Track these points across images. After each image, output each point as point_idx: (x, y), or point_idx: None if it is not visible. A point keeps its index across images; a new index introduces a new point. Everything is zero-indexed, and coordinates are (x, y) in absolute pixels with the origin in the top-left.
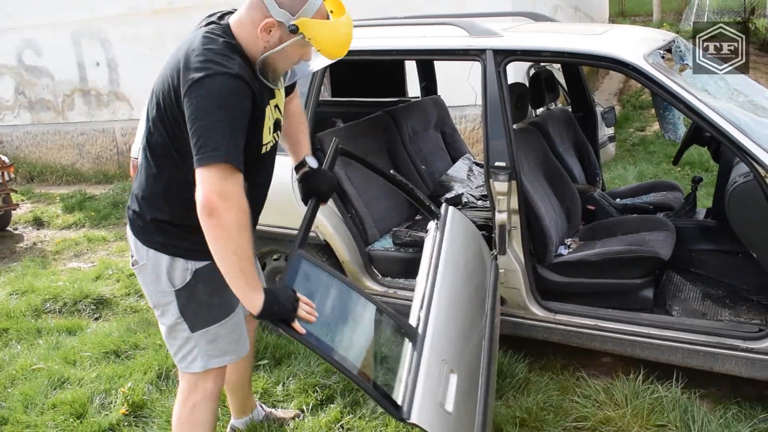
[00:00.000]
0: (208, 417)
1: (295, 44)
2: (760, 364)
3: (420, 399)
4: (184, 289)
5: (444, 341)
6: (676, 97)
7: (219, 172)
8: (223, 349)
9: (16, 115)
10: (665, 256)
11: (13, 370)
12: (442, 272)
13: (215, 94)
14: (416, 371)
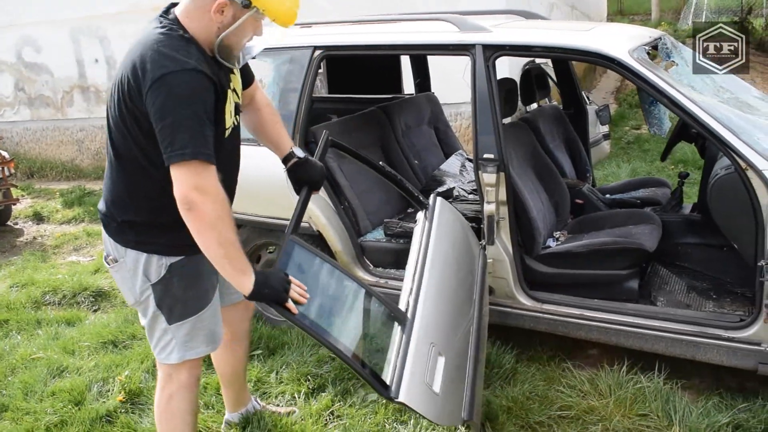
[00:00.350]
0: (185, 406)
1: (249, 19)
2: (741, 353)
3: (408, 379)
4: (159, 283)
5: (432, 325)
6: (659, 91)
7: (191, 168)
8: (199, 340)
9: (16, 111)
10: (650, 248)
11: (13, 359)
12: (430, 260)
13: (177, 91)
14: (405, 353)
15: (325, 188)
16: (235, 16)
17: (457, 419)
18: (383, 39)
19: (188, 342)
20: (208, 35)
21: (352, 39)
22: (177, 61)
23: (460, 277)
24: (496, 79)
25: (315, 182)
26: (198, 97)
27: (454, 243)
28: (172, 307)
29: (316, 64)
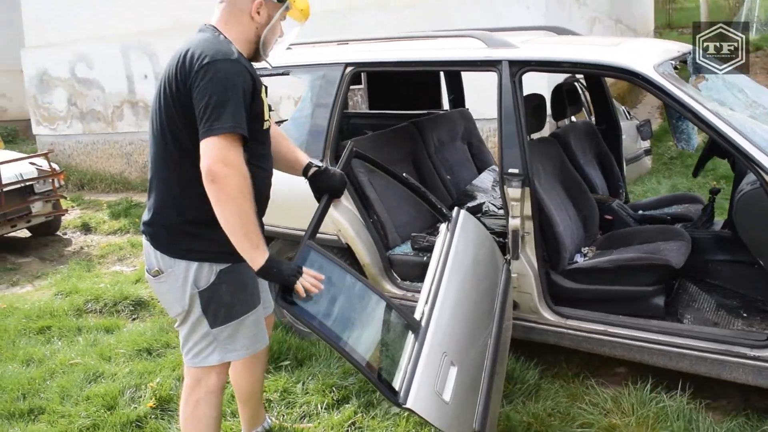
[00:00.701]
0: (210, 412)
1: (279, 16)
2: (766, 372)
3: (417, 386)
4: (208, 290)
5: (446, 335)
6: (684, 106)
7: (223, 142)
8: (241, 344)
9: (69, 125)
10: (677, 265)
11: (53, 364)
12: (449, 271)
13: (221, 75)
14: (416, 360)
15: (355, 202)
16: (269, 15)
17: (466, 429)
18: (412, 56)
19: (229, 345)
20: (246, 37)
21: (382, 56)
22: (221, 52)
23: (481, 290)
24: (522, 95)
25: (336, 190)
26: (239, 83)
27: (476, 256)
28: (217, 312)
29: (347, 81)
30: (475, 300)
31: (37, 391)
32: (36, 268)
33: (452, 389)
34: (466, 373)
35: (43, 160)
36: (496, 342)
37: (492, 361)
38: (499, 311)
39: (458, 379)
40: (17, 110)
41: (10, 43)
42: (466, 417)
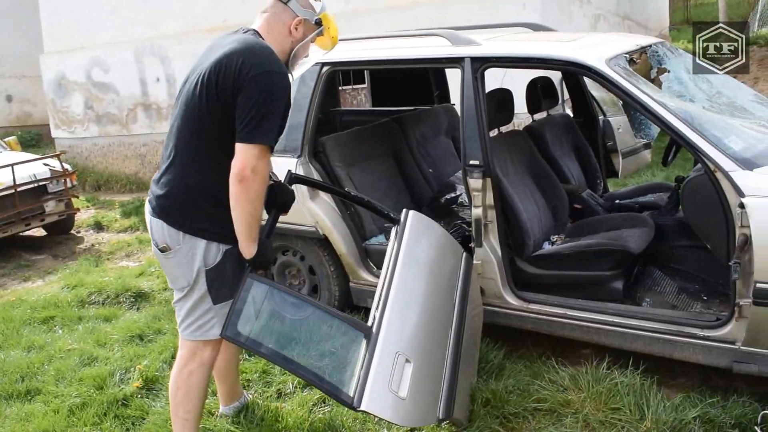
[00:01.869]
0: (201, 382)
1: (312, 37)
2: (716, 351)
3: (370, 389)
4: (215, 268)
5: (398, 335)
6: (632, 98)
7: (259, 152)
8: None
9: (85, 128)
10: (635, 250)
11: (52, 350)
12: (399, 274)
13: (276, 88)
14: (368, 365)
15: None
16: (305, 33)
17: (430, 419)
18: (382, 54)
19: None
20: (282, 48)
21: (355, 55)
22: (276, 63)
23: (435, 285)
24: (484, 90)
25: (284, 205)
26: (285, 98)
27: (428, 253)
28: (220, 289)
29: (324, 80)
30: (428, 296)
31: (35, 374)
32: (48, 264)
33: (408, 385)
34: (423, 367)
35: (56, 161)
36: (459, 330)
37: (455, 350)
38: (460, 301)
39: (414, 375)
40: (42, 115)
41: (34, 49)
42: (427, 408)
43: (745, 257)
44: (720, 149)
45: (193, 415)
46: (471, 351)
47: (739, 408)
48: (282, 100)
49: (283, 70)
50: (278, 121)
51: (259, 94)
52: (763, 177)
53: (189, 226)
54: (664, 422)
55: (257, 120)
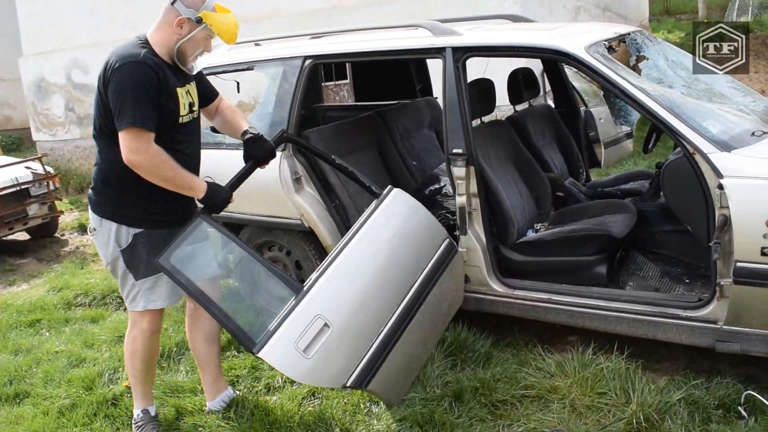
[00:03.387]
0: (143, 348)
1: (200, 33)
2: (699, 331)
3: (275, 340)
4: (127, 249)
5: (326, 300)
6: (612, 83)
7: (128, 135)
8: (159, 295)
9: (66, 130)
10: (618, 235)
11: (40, 353)
12: (353, 243)
13: (125, 77)
14: (283, 319)
15: (317, 187)
16: (190, 30)
17: (336, 383)
18: (365, 46)
19: (150, 295)
20: (168, 44)
21: (338, 48)
22: (129, 55)
23: (394, 262)
24: (466, 80)
25: (261, 158)
26: (141, 80)
27: (400, 231)
28: (138, 267)
29: (307, 73)
30: (380, 272)
31: (23, 377)
32: (33, 268)
33: (319, 347)
34: (343, 335)
35: (38, 164)
36: (409, 311)
37: (395, 328)
38: (423, 283)
39: (330, 339)
40: (22, 118)
41: (12, 53)
42: (336, 372)
43: (725, 237)
44: (698, 132)
45: (140, 374)
46: (426, 336)
47: (722, 389)
48: (139, 86)
49: (137, 59)
50: (141, 104)
51: (114, 85)
52: (741, 158)
53: (104, 210)
54: (649, 405)
55: (119, 108)
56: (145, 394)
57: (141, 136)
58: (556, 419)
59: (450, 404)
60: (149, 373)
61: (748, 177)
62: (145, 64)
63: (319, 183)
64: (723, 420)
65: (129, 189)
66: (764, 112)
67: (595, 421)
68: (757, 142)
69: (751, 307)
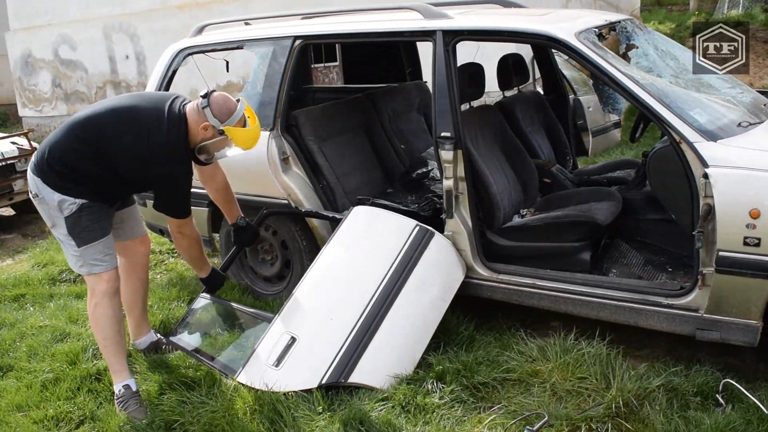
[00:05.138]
0: (107, 311)
1: (221, 141)
2: (679, 319)
3: (250, 363)
4: (71, 217)
5: (293, 318)
6: (601, 70)
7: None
8: (100, 260)
9: (53, 106)
10: (602, 222)
11: (24, 327)
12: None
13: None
14: (257, 345)
15: (304, 168)
16: (213, 134)
17: (310, 383)
18: (355, 28)
19: (93, 260)
20: (195, 136)
21: (328, 29)
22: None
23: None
24: (456, 63)
25: (247, 243)
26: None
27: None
28: (80, 235)
29: (296, 53)
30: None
31: (7, 351)
32: (18, 243)
33: (287, 358)
34: (310, 343)
35: (24, 140)
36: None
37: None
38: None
39: (298, 349)
40: (8, 94)
41: None
42: (306, 375)
43: (709, 227)
44: (685, 121)
45: (110, 341)
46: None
47: (701, 377)
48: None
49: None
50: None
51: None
52: (727, 148)
53: (50, 181)
54: (629, 390)
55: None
56: (122, 367)
57: (188, 222)
58: (537, 403)
59: (432, 386)
60: (119, 340)
61: (733, 167)
62: (189, 165)
63: (306, 164)
64: (701, 407)
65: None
66: (751, 104)
67: (575, 406)
68: (744, 133)
69: (731, 296)
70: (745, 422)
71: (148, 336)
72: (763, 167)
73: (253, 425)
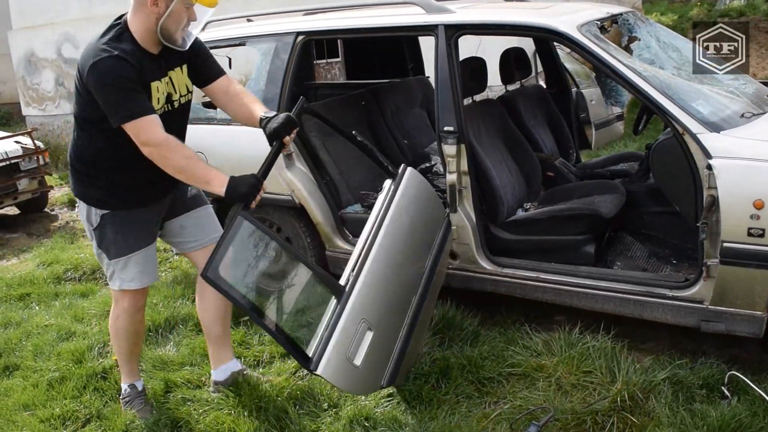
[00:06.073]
0: (126, 326)
1: (177, 5)
2: (684, 311)
3: (329, 353)
4: (97, 228)
5: (368, 301)
6: (603, 63)
7: (133, 128)
8: (131, 276)
9: (57, 105)
10: (606, 215)
11: (29, 326)
12: (383, 235)
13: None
14: (333, 328)
15: (307, 163)
16: (167, 5)
17: (375, 387)
18: (357, 23)
19: (123, 276)
20: (149, 26)
21: (330, 24)
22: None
23: (414, 250)
24: (458, 58)
25: (278, 131)
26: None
27: (416, 212)
28: (109, 247)
29: (299, 49)
30: (405, 262)
31: (13, 350)
32: (23, 242)
33: (364, 354)
34: (381, 336)
35: (28, 139)
36: (422, 299)
37: (413, 318)
38: (430, 268)
39: (372, 343)
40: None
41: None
42: (375, 377)
43: (713, 218)
44: (688, 112)
45: (124, 351)
46: (425, 318)
47: (707, 369)
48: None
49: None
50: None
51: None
52: (730, 139)
53: (77, 190)
54: (634, 384)
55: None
56: (132, 370)
57: (144, 125)
58: (542, 397)
59: (437, 381)
60: (134, 350)
61: (736, 158)
62: (121, 57)
63: (310, 159)
64: (706, 400)
65: (99, 171)
66: (754, 95)
67: (580, 400)
68: (747, 124)
69: (736, 287)
70: (751, 414)
71: (230, 364)
72: (767, 157)
73: (258, 422)
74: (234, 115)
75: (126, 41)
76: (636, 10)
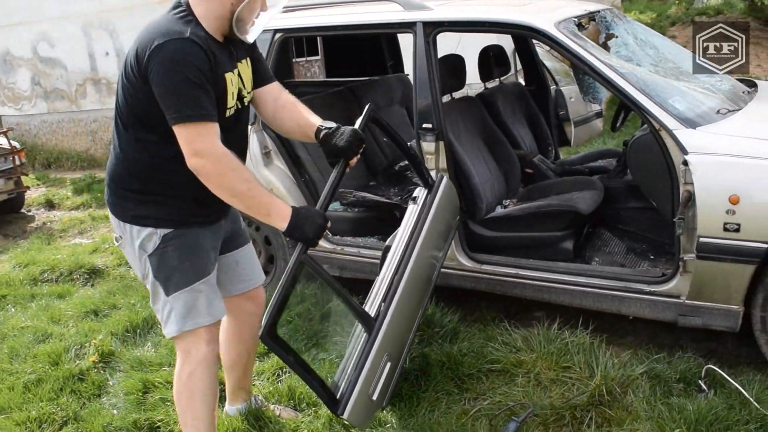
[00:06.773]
0: (206, 384)
1: None
2: (661, 305)
3: (356, 395)
4: (155, 254)
5: (392, 334)
6: (581, 59)
7: (186, 133)
8: (198, 311)
9: (33, 104)
10: (584, 211)
11: (5, 329)
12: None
13: (174, 58)
14: (361, 367)
15: (286, 161)
16: None
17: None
18: (335, 20)
19: (186, 314)
20: (221, 14)
21: (308, 22)
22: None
23: (432, 260)
24: (437, 55)
25: (344, 150)
26: (193, 63)
27: (443, 225)
28: (169, 277)
29: (276, 48)
30: (424, 280)
31: None
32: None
33: (381, 385)
34: (395, 364)
35: (3, 139)
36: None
37: (414, 333)
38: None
39: (388, 374)
40: None
41: None
42: (381, 403)
43: (689, 213)
44: (664, 109)
45: (203, 421)
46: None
47: (684, 363)
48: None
49: (182, 36)
50: (196, 91)
51: (157, 69)
52: (706, 135)
53: (125, 214)
54: (612, 378)
55: (169, 98)
56: None
57: (201, 132)
58: (522, 393)
59: (416, 378)
60: (212, 422)
61: (712, 153)
62: (195, 42)
63: (288, 158)
64: (684, 393)
65: (156, 184)
66: (730, 91)
67: (559, 395)
68: (722, 120)
69: (712, 282)
70: (728, 407)
71: (245, 404)
72: (742, 153)
73: (238, 423)
74: (280, 126)
75: (195, 25)
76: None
